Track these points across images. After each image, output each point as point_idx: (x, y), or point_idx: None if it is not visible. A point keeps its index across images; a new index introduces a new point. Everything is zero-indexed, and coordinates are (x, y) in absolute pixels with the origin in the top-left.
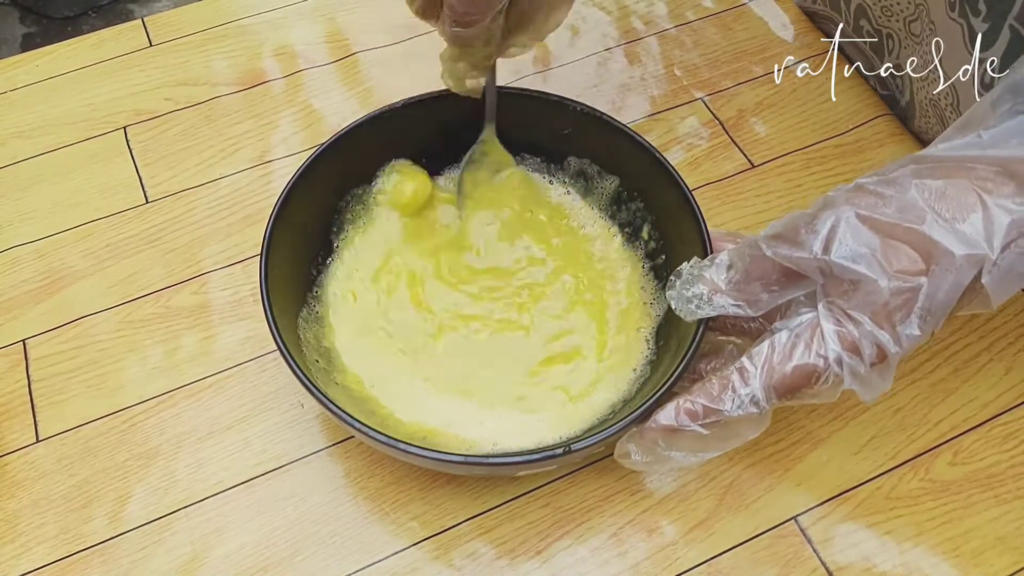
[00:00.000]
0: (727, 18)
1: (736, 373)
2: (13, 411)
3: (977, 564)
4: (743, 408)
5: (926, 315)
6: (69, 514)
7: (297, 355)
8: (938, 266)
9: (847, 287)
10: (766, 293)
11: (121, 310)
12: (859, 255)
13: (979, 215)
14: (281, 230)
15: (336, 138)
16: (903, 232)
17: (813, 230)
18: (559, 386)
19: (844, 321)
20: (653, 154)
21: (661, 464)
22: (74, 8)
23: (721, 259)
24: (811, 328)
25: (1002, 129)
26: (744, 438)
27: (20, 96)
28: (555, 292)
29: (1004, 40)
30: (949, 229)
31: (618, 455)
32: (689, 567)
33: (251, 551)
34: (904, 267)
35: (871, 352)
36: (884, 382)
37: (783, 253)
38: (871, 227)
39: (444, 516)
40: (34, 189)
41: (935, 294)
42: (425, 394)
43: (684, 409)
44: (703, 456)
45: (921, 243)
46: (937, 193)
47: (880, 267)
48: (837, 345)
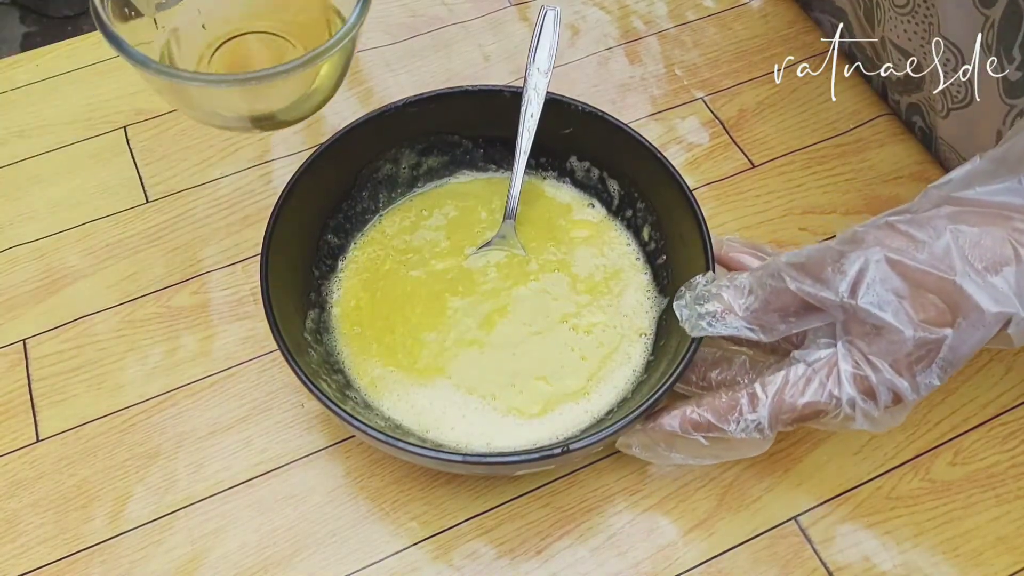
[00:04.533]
0: (727, 18)
1: (746, 397)
2: (13, 411)
3: (977, 564)
4: (747, 432)
5: (947, 366)
6: (69, 514)
7: (297, 355)
8: (966, 320)
9: (869, 329)
10: (783, 324)
11: (121, 310)
12: (886, 302)
13: (1012, 269)
14: (281, 230)
15: (336, 138)
16: (934, 281)
17: (840, 270)
18: (558, 386)
19: (863, 365)
20: (654, 154)
21: (659, 461)
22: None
23: (742, 282)
24: (828, 366)
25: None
26: (743, 455)
27: (20, 96)
28: (555, 292)
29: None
30: (981, 283)
31: (620, 445)
32: (689, 567)
33: (251, 551)
34: (931, 318)
35: (887, 398)
36: (895, 421)
37: (807, 290)
38: (901, 273)
39: (444, 516)
40: (34, 189)
41: (959, 347)
42: (424, 393)
43: (690, 420)
44: (701, 461)
45: (951, 295)
46: (972, 242)
47: (907, 317)
48: (853, 389)
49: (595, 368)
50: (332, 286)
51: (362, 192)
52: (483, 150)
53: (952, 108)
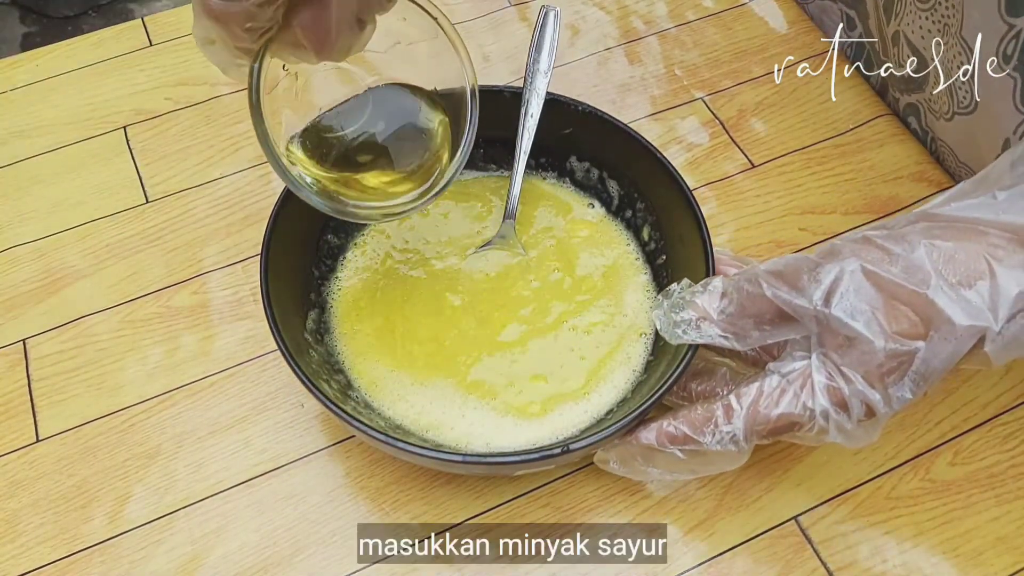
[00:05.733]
0: (727, 18)
1: (721, 409)
2: (13, 411)
3: (977, 564)
4: (722, 444)
5: (919, 379)
6: (69, 514)
7: (297, 355)
8: (937, 333)
9: (842, 341)
10: (757, 331)
11: (121, 310)
12: (859, 311)
13: (986, 283)
14: (281, 229)
15: None
16: (907, 294)
17: (816, 279)
18: (558, 386)
19: (836, 376)
20: (654, 154)
21: (637, 477)
22: (74, 8)
23: (715, 286)
24: (802, 377)
25: (1018, 191)
26: (720, 469)
27: (20, 96)
28: (554, 292)
29: None
30: (954, 296)
31: (597, 460)
32: (689, 567)
33: (251, 551)
34: (903, 330)
35: (860, 410)
36: (870, 436)
37: (782, 296)
38: (875, 283)
39: (444, 516)
40: (34, 189)
41: (931, 360)
42: (424, 393)
43: (665, 432)
44: (679, 476)
45: (923, 307)
46: (946, 256)
47: (879, 327)
48: (826, 400)
49: (595, 368)
50: (332, 286)
51: None
52: (483, 150)
53: (958, 112)
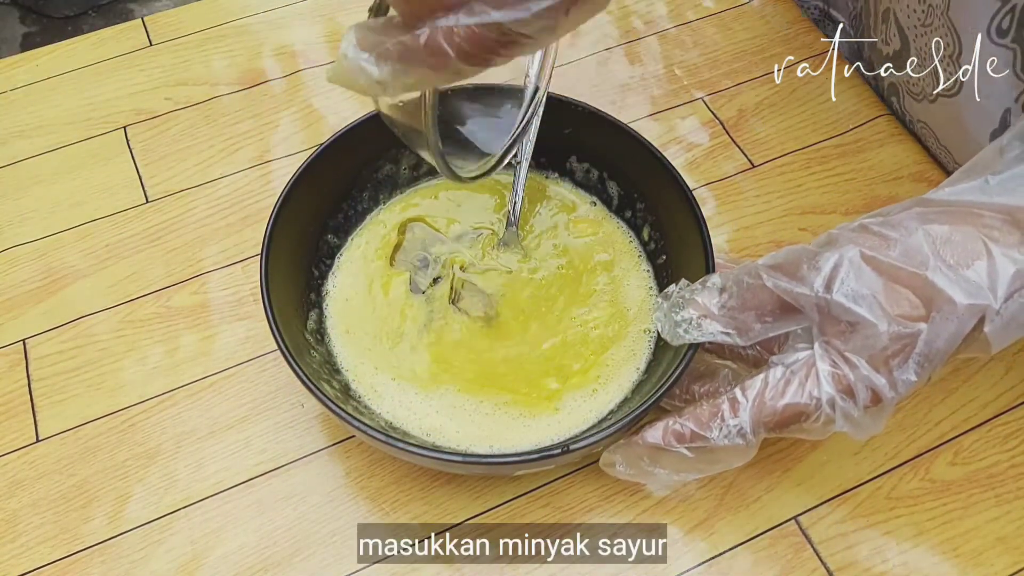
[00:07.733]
0: (727, 18)
1: (727, 403)
2: (13, 411)
3: (977, 564)
4: (729, 438)
5: (924, 361)
6: (69, 514)
7: (297, 355)
8: (939, 313)
9: (844, 327)
10: (759, 324)
11: (121, 310)
12: (860, 296)
13: (984, 263)
14: (281, 230)
15: (336, 138)
16: (906, 276)
17: (815, 267)
18: (559, 385)
19: (840, 363)
20: (654, 154)
21: (644, 479)
22: (74, 8)
23: (713, 281)
24: (807, 367)
25: (1009, 175)
26: (728, 465)
27: (20, 96)
28: (555, 293)
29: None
30: (953, 277)
31: (603, 464)
32: (689, 567)
33: (251, 551)
34: (905, 312)
35: (865, 396)
36: (876, 425)
37: (783, 286)
38: (874, 268)
39: (444, 516)
40: (34, 189)
41: (934, 341)
42: (424, 393)
43: (672, 430)
44: (686, 476)
45: (923, 289)
46: (942, 239)
47: (881, 311)
48: (831, 387)
49: (596, 368)
50: (330, 286)
51: (362, 192)
52: None
53: (942, 95)
